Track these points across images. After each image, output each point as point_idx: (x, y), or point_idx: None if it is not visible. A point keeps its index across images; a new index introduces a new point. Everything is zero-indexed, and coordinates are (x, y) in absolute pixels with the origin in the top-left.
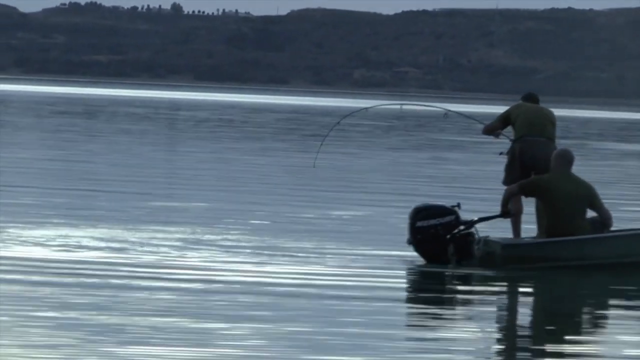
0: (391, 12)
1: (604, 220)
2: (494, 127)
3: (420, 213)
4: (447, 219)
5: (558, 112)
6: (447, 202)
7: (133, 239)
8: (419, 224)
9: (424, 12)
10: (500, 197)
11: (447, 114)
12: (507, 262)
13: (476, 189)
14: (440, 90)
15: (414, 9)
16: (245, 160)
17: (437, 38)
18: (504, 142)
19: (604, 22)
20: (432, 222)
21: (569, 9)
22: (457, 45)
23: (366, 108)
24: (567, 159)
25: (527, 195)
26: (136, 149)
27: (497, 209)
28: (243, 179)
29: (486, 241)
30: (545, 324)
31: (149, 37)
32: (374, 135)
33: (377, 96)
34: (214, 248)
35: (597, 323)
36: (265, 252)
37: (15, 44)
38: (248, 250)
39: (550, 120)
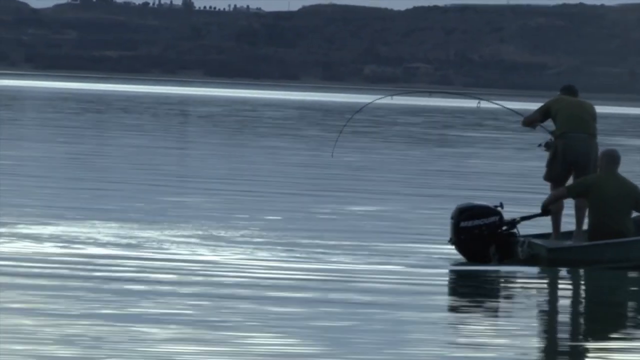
0: (402, 8)
1: None
2: (534, 119)
3: (464, 213)
4: (492, 219)
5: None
6: (486, 202)
7: (162, 237)
8: (463, 224)
9: (435, 7)
10: (528, 191)
11: (479, 103)
12: (552, 265)
13: (492, 184)
14: (451, 85)
15: (425, 4)
16: (257, 155)
17: (448, 33)
18: (542, 134)
19: (615, 18)
20: (477, 222)
21: (580, 4)
22: (468, 41)
23: (391, 96)
24: (613, 158)
25: (575, 198)
26: (147, 144)
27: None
28: (257, 175)
29: (530, 243)
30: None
31: (159, 33)
32: (386, 131)
33: (388, 92)
34: (239, 245)
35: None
36: (295, 248)
37: (26, 40)
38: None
39: (592, 115)
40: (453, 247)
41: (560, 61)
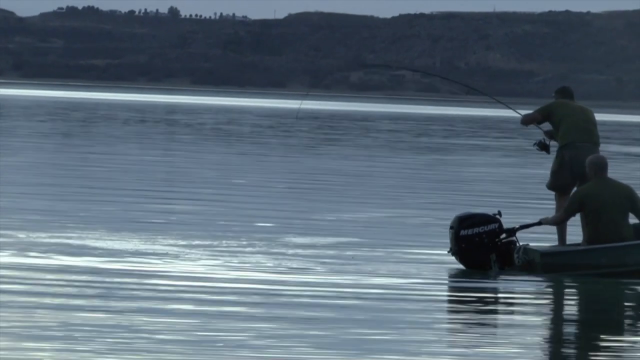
0: (388, 16)
1: None
2: (534, 119)
3: (465, 222)
4: (491, 226)
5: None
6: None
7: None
8: (464, 232)
9: (421, 15)
10: (519, 199)
11: (469, 92)
12: (547, 270)
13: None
14: (438, 93)
15: (411, 12)
16: (245, 163)
17: (434, 41)
18: (536, 131)
19: (601, 25)
20: (477, 230)
21: (566, 11)
22: (454, 49)
23: (391, 67)
24: (602, 165)
25: (575, 214)
26: (135, 153)
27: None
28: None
29: (525, 249)
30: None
31: (146, 41)
32: (373, 139)
33: (375, 99)
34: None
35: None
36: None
37: (12, 48)
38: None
39: (594, 122)
40: (453, 257)
41: (547, 68)
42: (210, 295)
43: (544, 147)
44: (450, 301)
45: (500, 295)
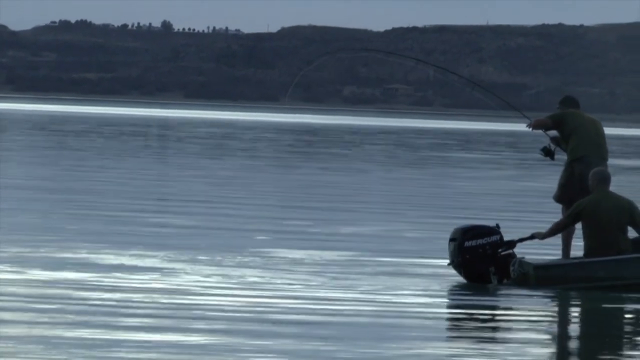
0: (381, 29)
1: None
2: (545, 123)
3: (468, 233)
4: (494, 238)
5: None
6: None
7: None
8: (468, 243)
9: (414, 28)
10: (519, 210)
11: (473, 89)
12: (541, 283)
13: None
14: (431, 106)
15: (404, 25)
16: (239, 177)
17: (427, 54)
18: (541, 136)
19: (594, 38)
20: (481, 241)
21: (560, 24)
22: (447, 62)
23: (389, 54)
24: (604, 178)
25: (570, 226)
26: (126, 167)
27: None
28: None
29: (520, 262)
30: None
31: (139, 55)
32: (364, 153)
33: (368, 113)
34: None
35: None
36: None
37: (5, 62)
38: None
39: (604, 136)
40: (453, 270)
41: (540, 81)
42: (204, 312)
43: (548, 152)
44: (450, 318)
45: (499, 311)
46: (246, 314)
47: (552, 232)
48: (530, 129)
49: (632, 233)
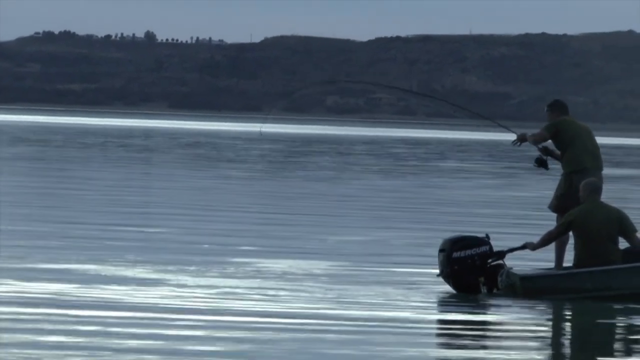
0: (364, 39)
1: (638, 248)
2: (544, 137)
3: (457, 244)
4: (483, 249)
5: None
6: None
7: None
8: (456, 254)
9: (397, 38)
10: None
11: (456, 111)
12: (527, 294)
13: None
14: (414, 116)
15: (388, 35)
16: (222, 187)
17: (411, 64)
18: (530, 148)
19: (578, 47)
20: (469, 252)
21: (543, 34)
22: (430, 71)
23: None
24: (596, 188)
25: (561, 236)
26: (110, 177)
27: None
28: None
29: (508, 273)
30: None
31: (122, 65)
32: (348, 162)
33: (351, 123)
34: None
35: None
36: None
37: None
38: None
39: (598, 146)
40: (443, 280)
41: (523, 91)
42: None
43: (542, 163)
44: (439, 332)
45: (490, 323)
46: (232, 329)
47: (543, 242)
48: (518, 144)
49: (623, 244)
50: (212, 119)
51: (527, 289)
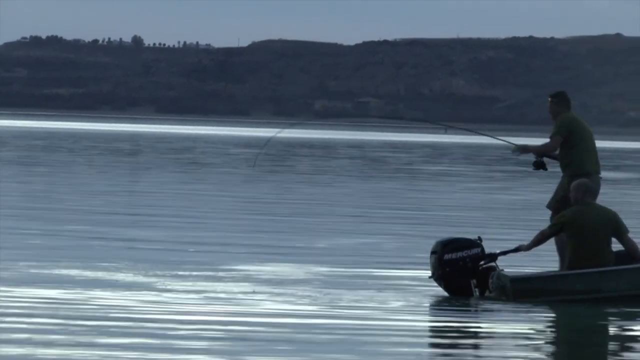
0: (352, 43)
1: (630, 252)
2: (558, 143)
3: (448, 246)
4: (474, 251)
5: (521, 140)
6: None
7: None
8: (447, 256)
9: (385, 42)
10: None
11: (446, 130)
12: (518, 296)
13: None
14: (402, 120)
15: (375, 39)
16: (209, 193)
17: (398, 68)
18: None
19: (565, 50)
20: (461, 254)
21: (530, 37)
22: (418, 75)
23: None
24: (590, 190)
25: (554, 236)
26: (98, 182)
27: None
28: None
29: (498, 275)
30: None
31: (109, 70)
32: (337, 166)
33: (339, 127)
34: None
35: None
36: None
37: None
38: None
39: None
40: (435, 282)
41: (511, 94)
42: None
43: (541, 165)
44: (430, 335)
45: (481, 327)
46: (224, 333)
47: (536, 243)
48: (518, 154)
49: (617, 246)
50: (200, 123)
51: (517, 291)
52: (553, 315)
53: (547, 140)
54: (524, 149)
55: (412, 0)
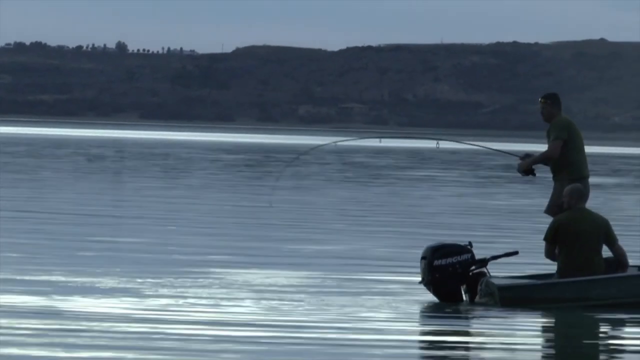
0: (336, 48)
1: (618, 258)
2: (559, 147)
3: (438, 252)
4: (464, 256)
5: (505, 146)
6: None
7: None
8: (437, 262)
9: (369, 47)
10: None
11: (438, 144)
12: (506, 304)
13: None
14: (386, 125)
15: (359, 44)
16: (199, 199)
17: (382, 73)
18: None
19: (549, 55)
20: (450, 260)
21: (514, 42)
22: (402, 80)
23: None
24: (580, 195)
25: (552, 243)
26: (83, 190)
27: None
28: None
29: (487, 282)
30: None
31: (94, 76)
32: (328, 172)
33: (323, 132)
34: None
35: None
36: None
37: None
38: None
39: None
40: (425, 288)
41: (495, 99)
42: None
43: (529, 171)
44: (420, 341)
45: (471, 333)
46: (209, 338)
47: (553, 260)
48: (523, 175)
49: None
50: (184, 129)
51: (505, 298)
52: (543, 321)
53: (543, 149)
54: (527, 169)
55: (396, 6)
